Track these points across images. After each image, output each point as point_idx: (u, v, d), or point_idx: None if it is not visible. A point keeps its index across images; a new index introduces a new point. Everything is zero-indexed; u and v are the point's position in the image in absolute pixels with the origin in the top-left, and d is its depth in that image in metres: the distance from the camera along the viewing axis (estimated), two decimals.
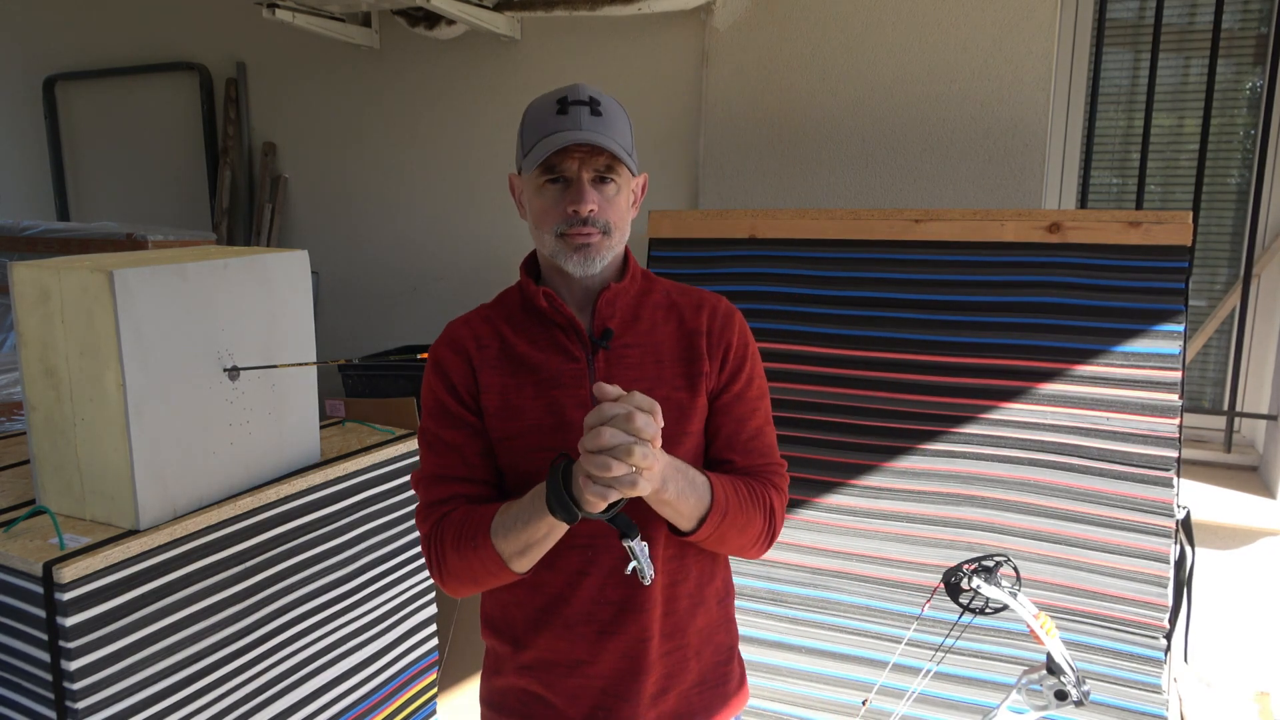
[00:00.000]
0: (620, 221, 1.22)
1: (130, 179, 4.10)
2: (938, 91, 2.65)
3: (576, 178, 1.18)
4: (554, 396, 1.21)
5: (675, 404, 1.22)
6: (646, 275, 1.32)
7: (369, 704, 2.06)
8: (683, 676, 1.26)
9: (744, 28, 2.85)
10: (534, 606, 1.23)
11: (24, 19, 4.17)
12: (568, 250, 1.19)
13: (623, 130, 1.20)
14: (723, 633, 1.33)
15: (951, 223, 2.25)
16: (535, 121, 1.19)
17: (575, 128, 1.15)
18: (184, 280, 1.61)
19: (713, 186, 2.95)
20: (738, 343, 1.28)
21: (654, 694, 1.24)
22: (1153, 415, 2.01)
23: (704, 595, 1.28)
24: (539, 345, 1.24)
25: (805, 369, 2.29)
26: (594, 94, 1.19)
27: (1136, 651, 1.95)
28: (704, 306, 1.29)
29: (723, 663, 1.32)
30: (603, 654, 1.21)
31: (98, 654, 1.48)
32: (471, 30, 3.11)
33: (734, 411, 1.26)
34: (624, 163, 1.18)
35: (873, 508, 2.18)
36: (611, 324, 1.24)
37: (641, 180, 1.30)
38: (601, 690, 1.23)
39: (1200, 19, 2.57)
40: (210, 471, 1.69)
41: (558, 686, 1.24)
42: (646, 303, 1.28)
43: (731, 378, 1.27)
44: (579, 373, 1.22)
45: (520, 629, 1.26)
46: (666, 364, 1.24)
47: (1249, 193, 2.55)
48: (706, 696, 1.29)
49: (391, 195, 3.54)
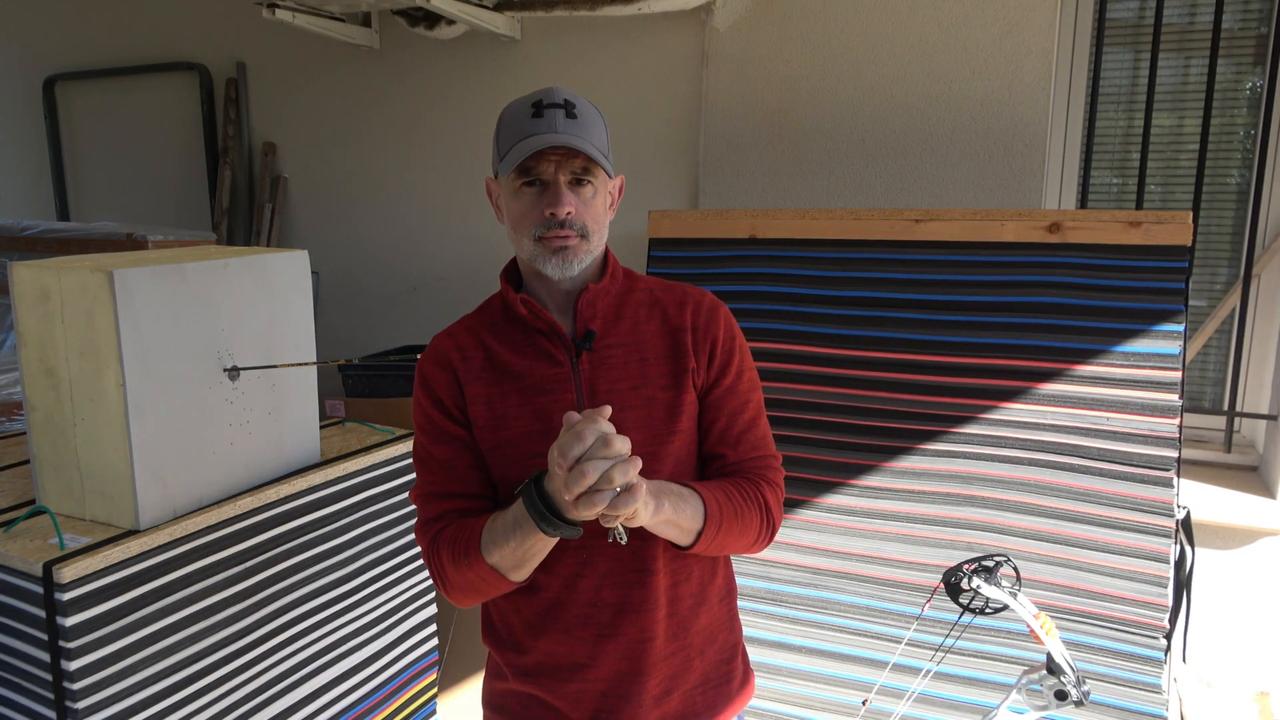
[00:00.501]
0: (597, 224, 1.21)
1: (130, 179, 4.10)
2: (938, 91, 2.65)
3: (553, 180, 1.17)
4: (540, 403, 1.20)
5: (662, 402, 1.22)
6: (628, 274, 1.32)
7: (369, 704, 2.06)
8: (686, 676, 1.26)
9: (744, 27, 2.85)
10: (532, 611, 1.23)
11: (24, 19, 4.17)
12: (546, 253, 1.18)
13: (599, 133, 1.20)
14: (726, 630, 1.33)
15: (951, 223, 2.25)
16: (511, 125, 1.19)
17: (551, 130, 1.14)
18: (184, 280, 1.61)
19: (713, 186, 2.95)
20: (724, 336, 1.27)
21: (657, 695, 1.23)
22: (1153, 415, 2.01)
23: (706, 594, 1.28)
24: (522, 352, 1.23)
25: (805, 369, 2.29)
26: (569, 97, 1.18)
27: (1136, 651, 1.95)
28: (687, 303, 1.28)
29: (726, 661, 1.32)
30: (602, 656, 1.21)
31: (98, 654, 1.48)
32: (471, 30, 3.11)
33: (726, 406, 1.26)
34: (600, 165, 1.17)
35: (873, 508, 2.18)
36: (593, 325, 1.23)
37: (618, 182, 1.29)
38: (602, 693, 1.22)
39: (1200, 19, 2.57)
40: (210, 471, 1.69)
41: (559, 691, 1.24)
42: (629, 301, 1.28)
43: (721, 372, 1.26)
44: (564, 377, 1.21)
45: (519, 634, 1.25)
46: (651, 362, 1.24)
47: (1249, 193, 2.55)
48: (710, 695, 1.29)
49: (391, 195, 3.54)
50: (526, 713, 1.27)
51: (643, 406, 1.21)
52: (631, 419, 1.19)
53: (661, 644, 1.23)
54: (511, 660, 1.27)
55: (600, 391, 1.20)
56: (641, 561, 1.20)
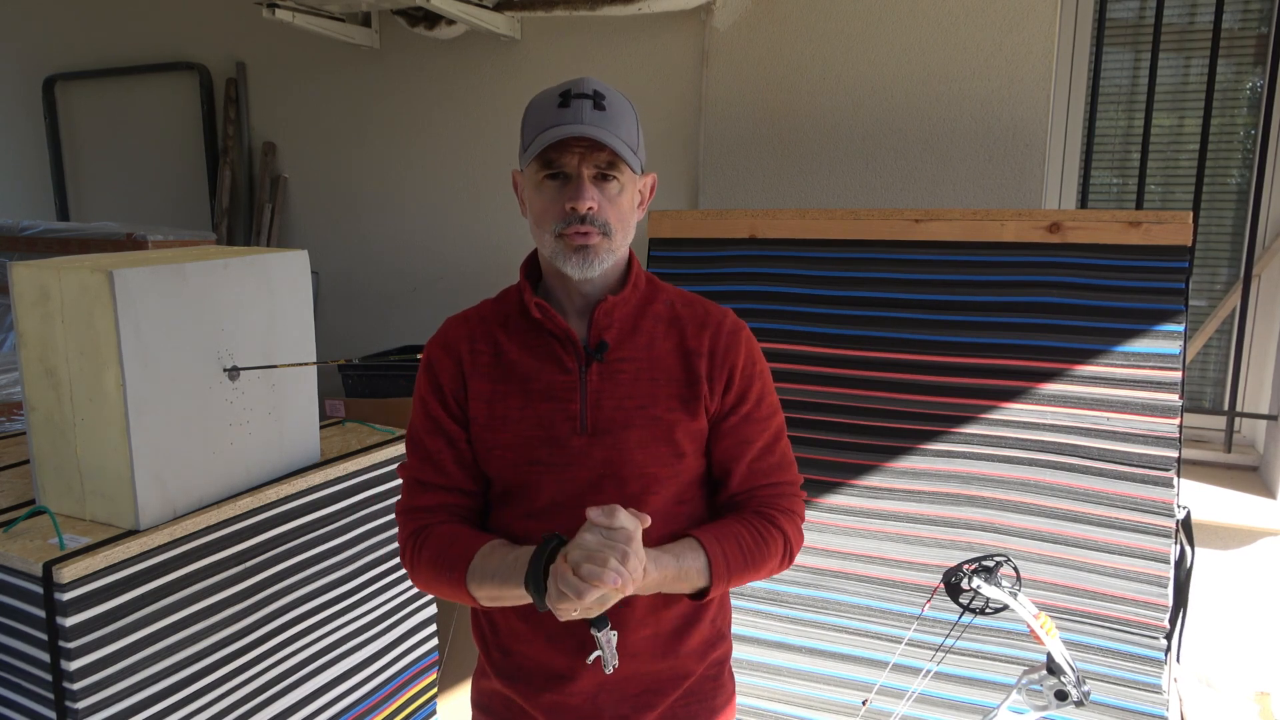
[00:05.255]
0: (622, 223, 1.16)
1: (130, 179, 4.10)
2: (938, 91, 2.65)
3: (576, 173, 1.12)
4: (543, 410, 1.17)
5: (666, 425, 1.18)
6: (650, 281, 1.27)
7: (369, 704, 2.06)
8: (670, 692, 1.24)
9: (744, 28, 2.85)
10: (516, 615, 1.22)
11: (24, 19, 4.17)
12: (566, 251, 1.14)
13: (628, 127, 1.14)
14: (715, 648, 1.30)
15: (951, 223, 2.25)
16: (536, 114, 1.14)
17: (576, 121, 1.09)
18: (184, 280, 1.60)
19: (713, 186, 2.95)
20: (744, 362, 1.23)
21: (637, 706, 1.22)
22: (1153, 415, 2.00)
23: (698, 615, 1.25)
24: (533, 353, 1.20)
25: (805, 369, 2.29)
26: (599, 87, 1.13)
27: (1136, 651, 1.95)
28: (708, 325, 1.23)
29: (712, 677, 1.30)
30: (583, 670, 1.19)
31: (98, 654, 1.48)
32: (471, 30, 3.11)
33: (740, 433, 1.22)
34: (625, 160, 1.12)
35: (873, 508, 2.18)
36: (608, 335, 1.19)
37: (649, 180, 1.24)
38: (577, 708, 1.21)
39: (1200, 19, 2.57)
40: (210, 471, 1.69)
41: (535, 700, 1.23)
42: (647, 313, 1.23)
43: (740, 399, 1.22)
44: (571, 385, 1.18)
45: (504, 636, 1.25)
46: (662, 383, 1.19)
47: (1249, 193, 2.55)
48: (693, 709, 1.27)
49: (391, 195, 3.54)
50: (508, 713, 1.27)
51: (646, 426, 1.17)
52: (634, 438, 1.17)
53: (644, 660, 1.21)
54: (496, 660, 1.27)
55: (605, 406, 1.17)
56: None
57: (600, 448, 1.16)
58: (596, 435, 1.17)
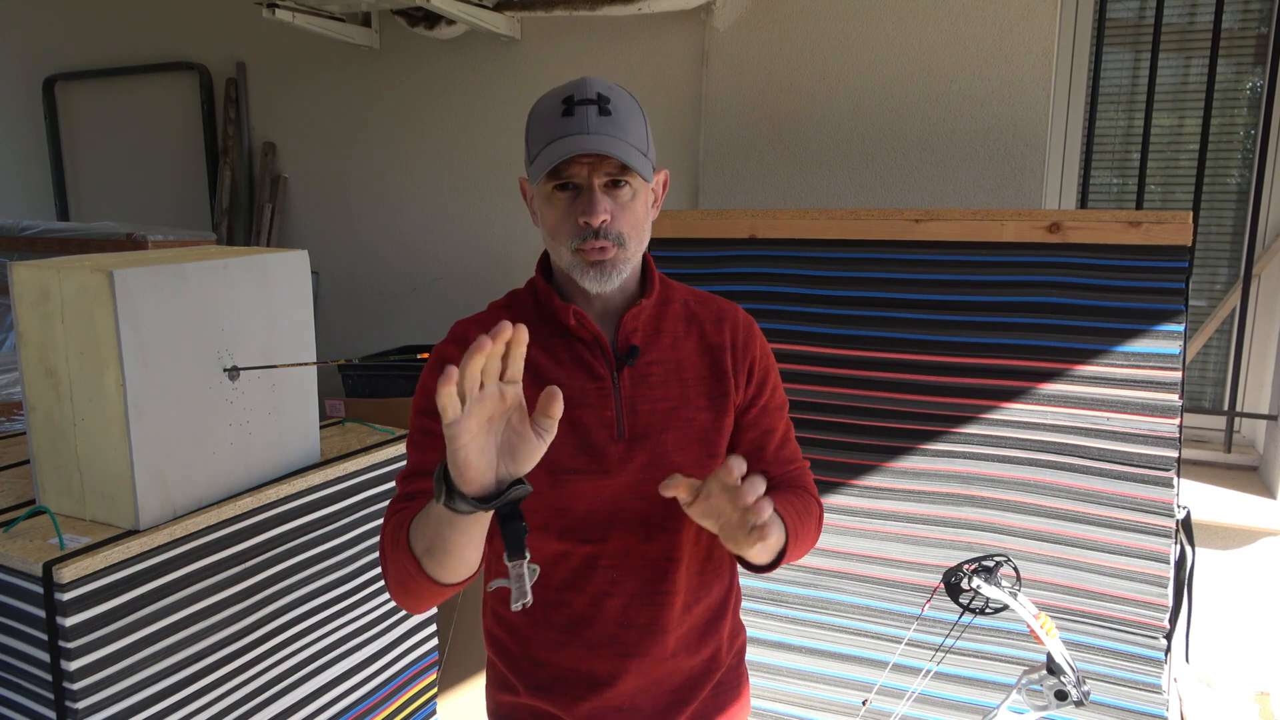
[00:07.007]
0: (636, 229, 1.13)
1: (130, 179, 4.10)
2: (938, 91, 2.65)
3: (587, 184, 1.09)
4: (577, 416, 1.14)
5: (699, 425, 1.18)
6: (664, 282, 1.26)
7: (369, 704, 2.06)
8: (704, 685, 1.25)
9: (744, 28, 2.85)
10: (554, 627, 1.19)
11: (24, 19, 4.17)
12: (584, 266, 1.11)
13: (636, 128, 1.11)
14: (738, 638, 1.33)
15: (951, 223, 2.25)
16: (540, 124, 1.11)
17: (582, 130, 1.06)
18: (184, 280, 1.60)
19: (713, 186, 2.95)
20: (760, 354, 1.25)
21: (673, 703, 1.23)
22: (1153, 415, 2.01)
23: (724, 607, 1.27)
24: (559, 360, 1.17)
25: (805, 369, 2.29)
26: (602, 89, 1.10)
27: (1136, 651, 1.95)
28: (725, 319, 1.24)
29: (735, 666, 1.32)
30: (624, 674, 1.18)
31: (98, 654, 1.48)
32: (471, 30, 3.11)
33: (762, 424, 1.24)
34: (637, 168, 1.09)
35: (873, 508, 2.18)
36: (635, 339, 1.18)
37: (662, 178, 1.22)
38: (617, 710, 1.20)
39: (1200, 19, 2.57)
40: (210, 471, 1.69)
41: (572, 710, 1.20)
42: (667, 314, 1.23)
43: (759, 390, 1.24)
44: (605, 391, 1.16)
45: (535, 647, 1.21)
46: (691, 384, 1.19)
47: (1249, 193, 2.55)
48: (722, 699, 1.28)
49: (392, 195, 3.54)
50: None
51: (681, 428, 1.17)
52: (671, 440, 1.16)
53: (681, 659, 1.21)
54: (527, 672, 1.23)
55: (640, 411, 1.16)
56: (669, 583, 1.18)
57: (640, 452, 1.15)
58: (635, 440, 1.16)
